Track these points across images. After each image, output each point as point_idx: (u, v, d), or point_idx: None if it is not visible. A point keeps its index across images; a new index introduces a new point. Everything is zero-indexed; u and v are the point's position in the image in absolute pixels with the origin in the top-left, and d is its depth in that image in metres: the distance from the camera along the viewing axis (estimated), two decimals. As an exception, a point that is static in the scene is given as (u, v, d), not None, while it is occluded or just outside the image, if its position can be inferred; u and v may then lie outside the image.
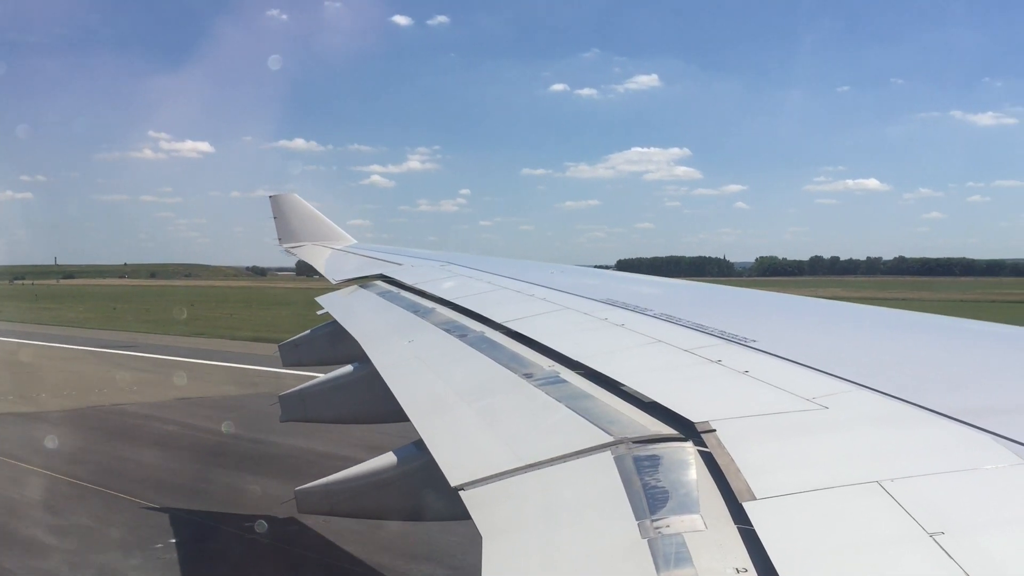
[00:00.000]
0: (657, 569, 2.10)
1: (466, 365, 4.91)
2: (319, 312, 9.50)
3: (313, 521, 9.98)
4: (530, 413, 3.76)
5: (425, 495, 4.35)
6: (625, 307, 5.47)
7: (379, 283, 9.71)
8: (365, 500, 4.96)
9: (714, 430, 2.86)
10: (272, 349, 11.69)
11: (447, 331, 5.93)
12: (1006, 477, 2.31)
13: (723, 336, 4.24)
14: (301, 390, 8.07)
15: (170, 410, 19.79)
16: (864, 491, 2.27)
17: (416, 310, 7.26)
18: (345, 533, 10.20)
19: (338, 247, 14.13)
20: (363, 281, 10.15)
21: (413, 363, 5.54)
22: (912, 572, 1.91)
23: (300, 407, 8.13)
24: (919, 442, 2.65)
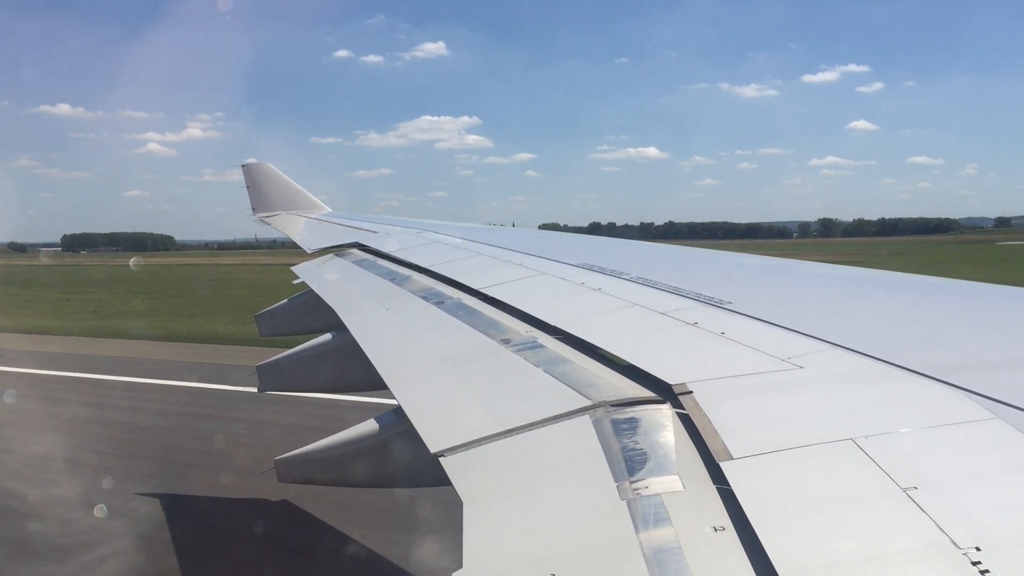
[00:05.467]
0: (636, 530, 2.12)
1: (444, 332, 4.90)
2: (295, 281, 9.45)
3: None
4: (508, 379, 3.77)
5: (405, 462, 4.36)
6: (602, 271, 5.47)
7: (355, 251, 9.65)
8: (345, 468, 4.97)
9: (691, 392, 2.88)
10: None
11: (424, 298, 5.91)
12: (977, 432, 2.35)
13: (699, 299, 4.25)
14: (278, 360, 8.04)
15: None
16: (839, 448, 2.30)
17: (393, 278, 7.23)
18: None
19: (312, 216, 14.02)
20: (338, 250, 10.09)
21: (391, 331, 5.52)
22: (885, 526, 1.94)
23: (277, 377, 8.10)
24: (893, 400, 2.68)
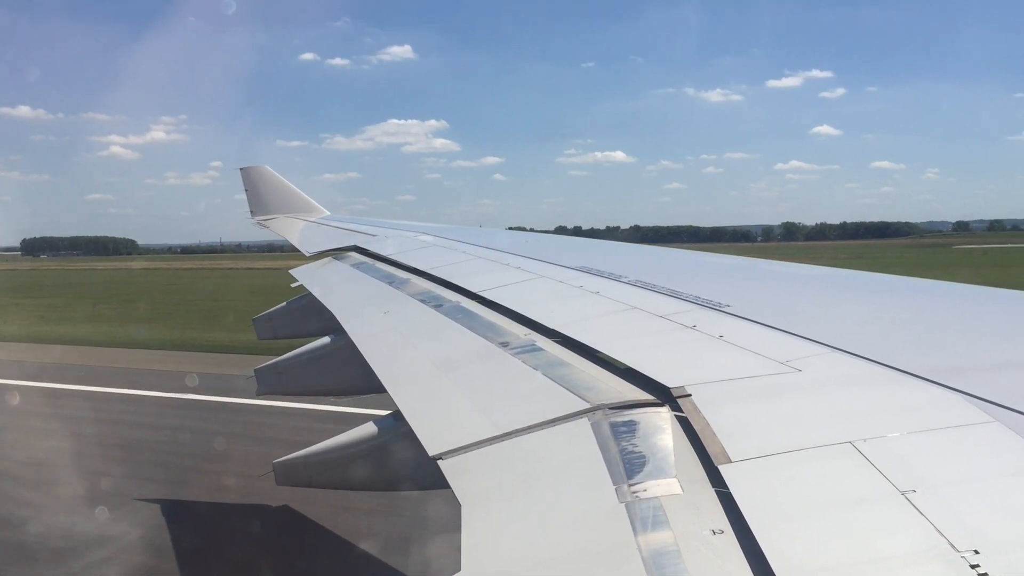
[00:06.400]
0: (635, 532, 2.12)
1: (442, 335, 4.90)
2: (293, 285, 9.44)
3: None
4: (507, 381, 3.77)
5: (403, 465, 4.36)
6: (600, 274, 5.47)
7: (353, 255, 9.65)
8: (344, 471, 4.96)
9: (690, 395, 2.89)
10: None
11: (422, 301, 5.91)
12: (975, 435, 2.36)
13: (697, 302, 4.26)
14: (276, 363, 8.02)
15: None
16: (837, 451, 2.30)
17: (391, 281, 7.22)
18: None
19: (311, 219, 14.02)
20: (337, 253, 10.09)
21: (389, 334, 5.52)
22: (884, 529, 1.94)
23: (275, 380, 8.08)
24: (891, 403, 2.69)
